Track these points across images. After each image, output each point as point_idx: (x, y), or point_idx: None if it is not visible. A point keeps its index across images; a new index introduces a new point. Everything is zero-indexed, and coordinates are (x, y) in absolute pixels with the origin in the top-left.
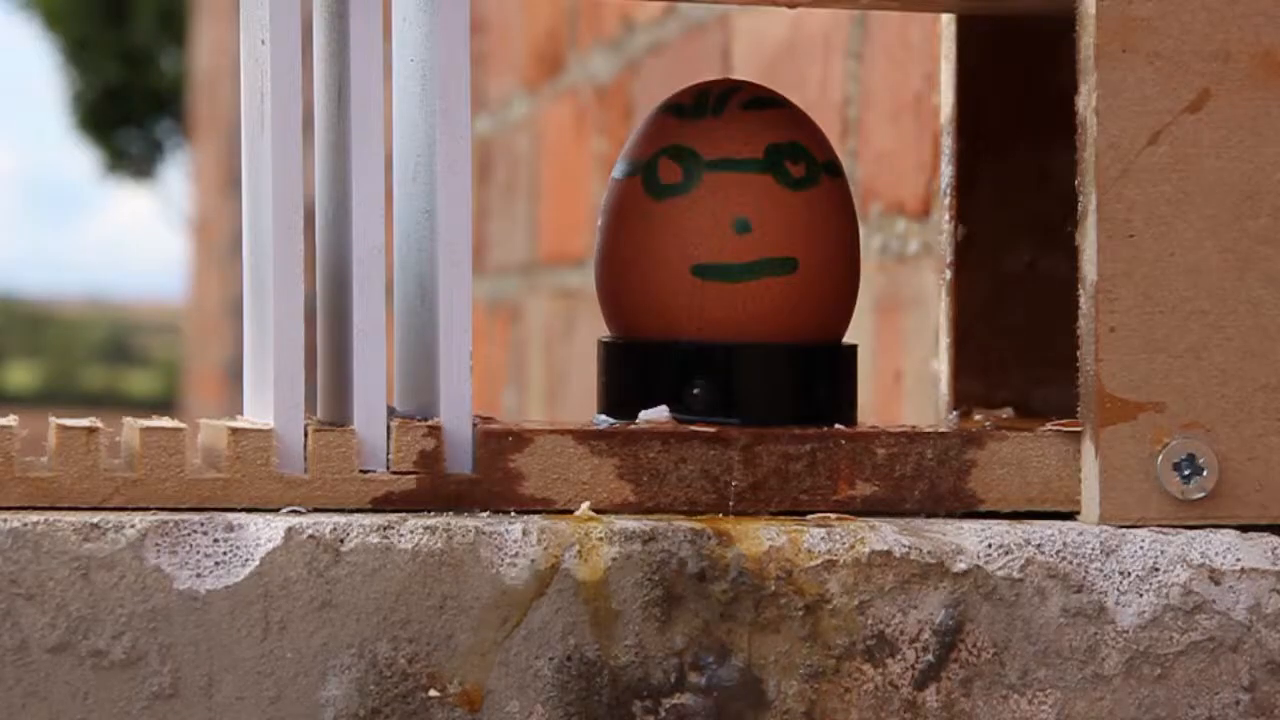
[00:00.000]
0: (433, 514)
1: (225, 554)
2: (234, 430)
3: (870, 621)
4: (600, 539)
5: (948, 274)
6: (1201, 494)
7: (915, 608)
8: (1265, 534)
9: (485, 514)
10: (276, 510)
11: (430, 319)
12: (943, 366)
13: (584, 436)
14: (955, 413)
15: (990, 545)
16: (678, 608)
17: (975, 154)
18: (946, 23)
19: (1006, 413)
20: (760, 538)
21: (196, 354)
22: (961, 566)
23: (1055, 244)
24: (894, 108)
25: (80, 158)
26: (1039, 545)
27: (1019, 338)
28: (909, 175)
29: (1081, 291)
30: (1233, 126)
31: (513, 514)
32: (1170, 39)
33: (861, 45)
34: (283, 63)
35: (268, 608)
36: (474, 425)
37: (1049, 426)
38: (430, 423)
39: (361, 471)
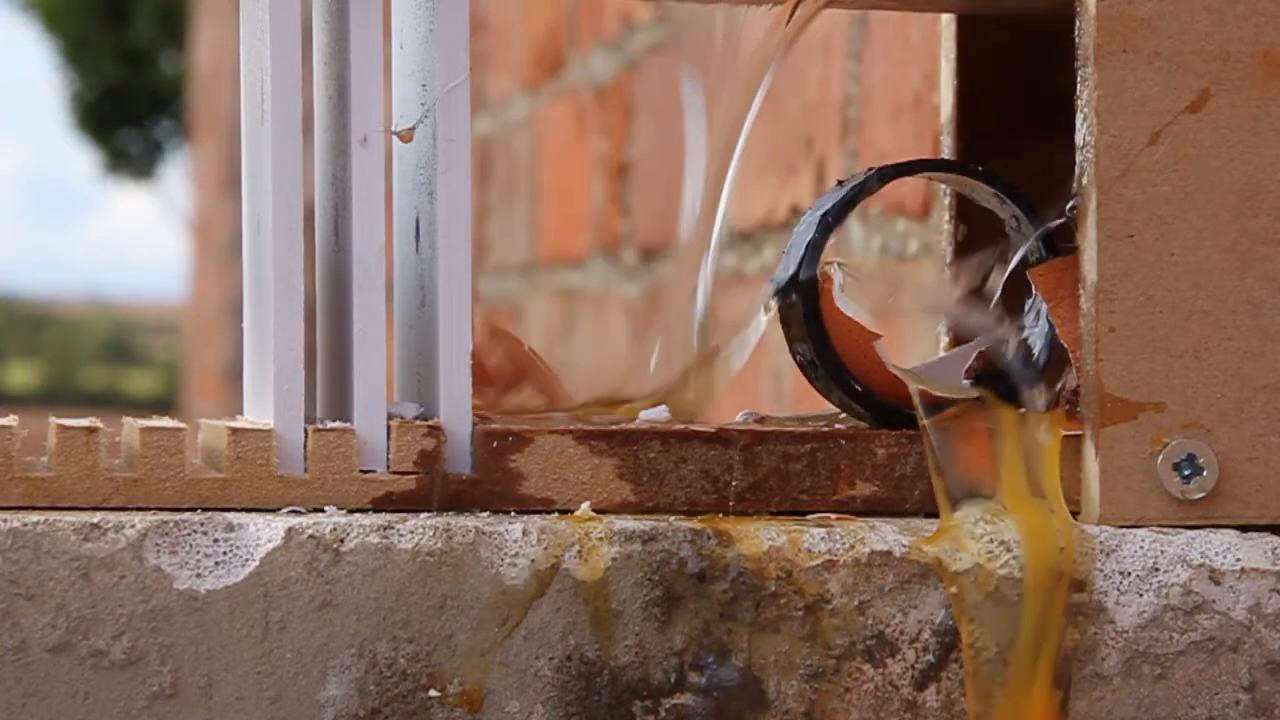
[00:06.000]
0: (432, 514)
1: (225, 554)
2: (234, 430)
3: (870, 621)
4: (600, 539)
5: (948, 274)
6: (1201, 494)
7: (915, 608)
8: (1265, 534)
9: (485, 514)
10: (276, 510)
11: (430, 319)
12: None
13: (584, 436)
14: None
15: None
16: (678, 608)
17: (975, 154)
18: (946, 23)
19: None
20: (760, 538)
21: (196, 354)
22: (962, 566)
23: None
24: (894, 108)
25: (80, 158)
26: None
27: None
28: None
29: (1082, 291)
30: (1233, 126)
31: (513, 514)
32: (1170, 39)
33: (861, 45)
34: (283, 63)
35: (268, 608)
36: (474, 425)
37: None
38: (430, 423)
39: (361, 471)
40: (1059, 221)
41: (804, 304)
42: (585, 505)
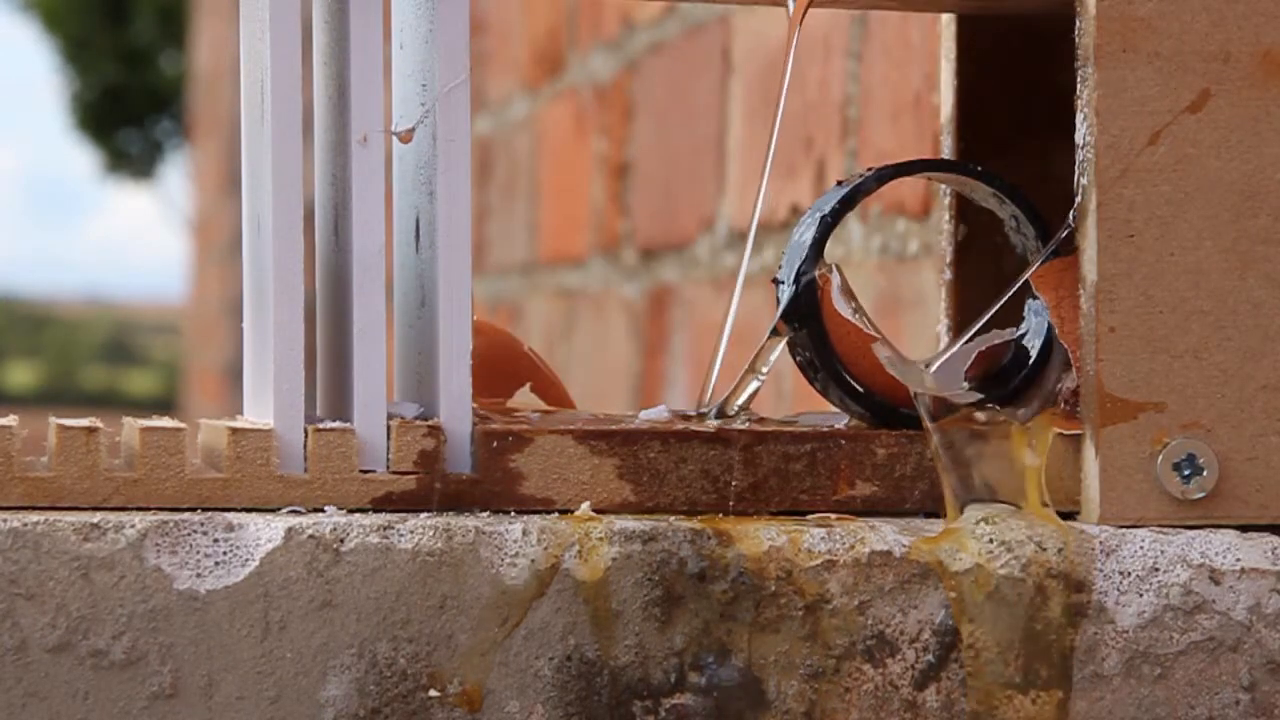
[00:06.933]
0: (433, 514)
1: (225, 554)
2: (234, 430)
3: (870, 621)
4: (600, 539)
5: (948, 274)
6: (1201, 494)
7: (915, 608)
8: (1265, 534)
9: (485, 514)
10: (276, 510)
11: (430, 319)
12: None
13: (584, 436)
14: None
15: (991, 544)
16: (678, 608)
17: (975, 154)
18: (946, 23)
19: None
20: (760, 538)
21: (196, 354)
22: (962, 566)
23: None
24: (894, 108)
25: (80, 158)
26: (1040, 544)
27: None
28: None
29: (1082, 291)
30: (1233, 126)
31: (513, 514)
32: (1170, 39)
33: (861, 45)
34: (283, 63)
35: (268, 608)
36: (474, 425)
37: (1053, 424)
38: (430, 423)
39: (361, 471)
40: (1066, 231)
41: (804, 305)
42: (585, 505)
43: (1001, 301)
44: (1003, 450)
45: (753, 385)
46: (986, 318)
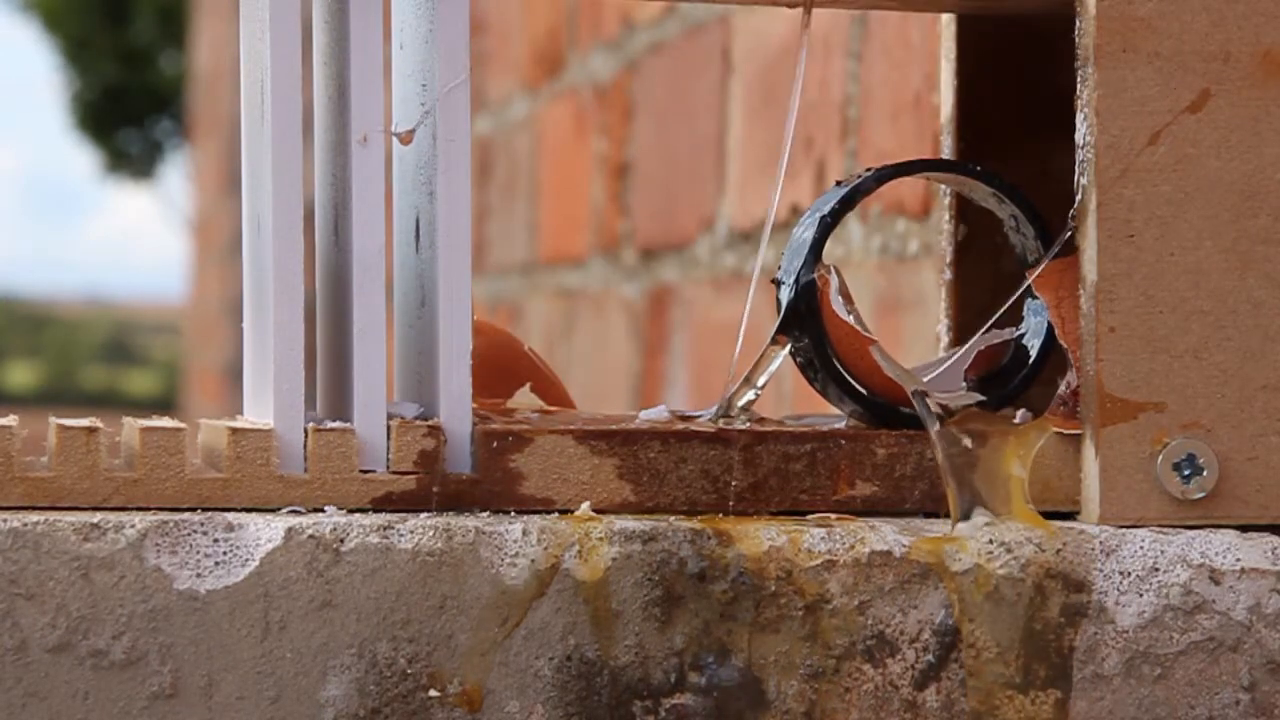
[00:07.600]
0: (432, 514)
1: (225, 554)
2: (234, 430)
3: (870, 621)
4: (600, 539)
5: (948, 274)
6: (1201, 494)
7: (915, 608)
8: (1265, 534)
9: (485, 514)
10: (276, 510)
11: (430, 319)
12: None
13: (584, 436)
14: None
15: (991, 544)
16: (678, 608)
17: (975, 154)
18: (946, 23)
19: (1007, 412)
20: (760, 538)
21: (196, 354)
22: (962, 566)
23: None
24: (894, 108)
25: (80, 158)
26: (1039, 545)
27: None
28: None
29: (1082, 291)
30: (1233, 126)
31: (513, 514)
32: (1170, 39)
33: (861, 45)
34: (283, 63)
35: (268, 608)
36: (474, 425)
37: (1050, 427)
38: (430, 423)
39: (361, 471)
40: (1068, 234)
41: (803, 305)
42: (585, 505)
43: (1004, 309)
44: (1000, 453)
45: (749, 395)
46: (988, 326)
